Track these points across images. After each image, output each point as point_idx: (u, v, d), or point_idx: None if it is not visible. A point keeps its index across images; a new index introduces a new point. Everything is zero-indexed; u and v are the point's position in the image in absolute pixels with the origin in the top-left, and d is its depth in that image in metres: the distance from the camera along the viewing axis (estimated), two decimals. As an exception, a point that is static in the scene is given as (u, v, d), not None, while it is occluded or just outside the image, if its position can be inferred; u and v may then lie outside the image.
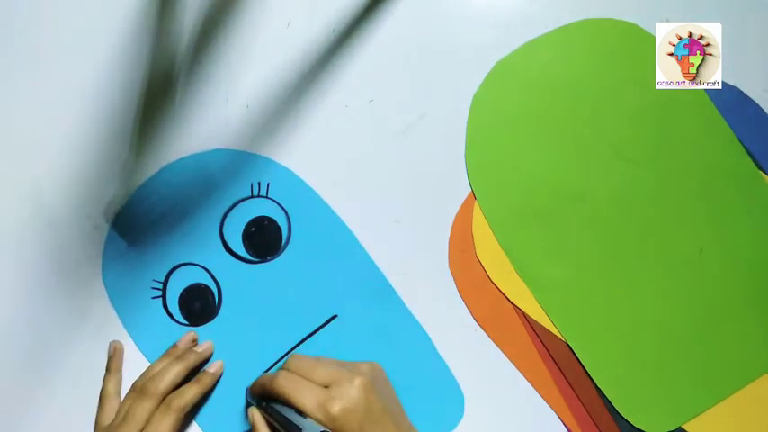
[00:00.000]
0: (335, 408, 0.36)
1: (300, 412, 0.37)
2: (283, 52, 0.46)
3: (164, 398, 0.41)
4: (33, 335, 0.44)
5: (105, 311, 0.45)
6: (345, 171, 0.46)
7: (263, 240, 0.45)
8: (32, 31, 0.46)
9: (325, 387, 0.38)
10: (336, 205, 0.46)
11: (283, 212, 0.45)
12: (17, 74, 0.45)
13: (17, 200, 0.45)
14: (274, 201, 0.45)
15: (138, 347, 0.45)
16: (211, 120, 0.45)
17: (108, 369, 0.44)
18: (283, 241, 0.45)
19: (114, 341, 0.44)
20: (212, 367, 0.44)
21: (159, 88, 0.45)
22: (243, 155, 0.45)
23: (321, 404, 0.37)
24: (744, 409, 0.46)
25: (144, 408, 0.40)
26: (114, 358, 0.44)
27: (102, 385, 0.44)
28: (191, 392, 0.42)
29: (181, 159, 0.45)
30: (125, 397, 0.42)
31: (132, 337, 0.45)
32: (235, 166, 0.45)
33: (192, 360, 0.43)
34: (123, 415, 0.41)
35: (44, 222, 0.45)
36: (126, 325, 0.45)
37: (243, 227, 0.45)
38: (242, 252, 0.45)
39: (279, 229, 0.45)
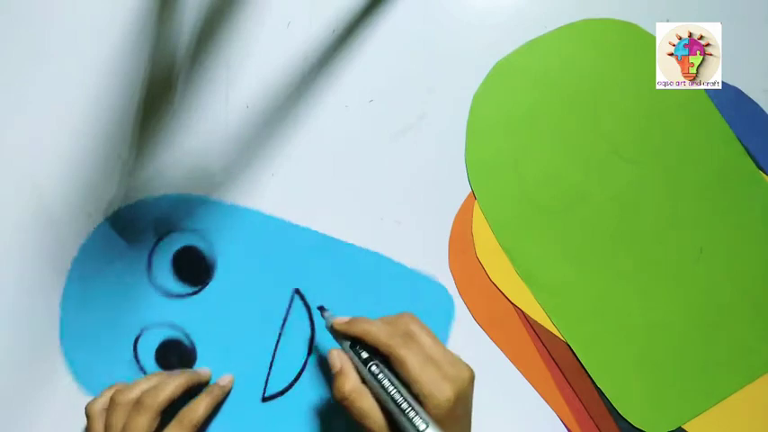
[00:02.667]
0: (450, 389, 0.34)
1: (404, 381, 0.34)
2: (283, 52, 0.46)
3: (161, 412, 0.39)
4: (33, 335, 0.44)
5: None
6: (345, 171, 0.46)
7: (193, 267, 0.45)
8: (32, 31, 0.46)
9: (437, 364, 0.35)
10: (337, 205, 0.46)
11: (199, 236, 0.45)
12: (17, 74, 0.45)
13: (17, 199, 0.45)
14: (185, 229, 0.45)
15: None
16: (211, 120, 0.46)
17: (111, 387, 0.42)
18: (208, 258, 0.45)
19: None
20: (223, 380, 0.43)
21: (159, 88, 0.45)
22: (141, 203, 0.45)
23: (437, 382, 0.34)
24: (744, 409, 0.46)
25: (142, 422, 0.38)
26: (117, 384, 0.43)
27: (95, 399, 0.41)
28: (202, 408, 0.40)
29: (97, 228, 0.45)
30: (108, 412, 0.40)
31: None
32: (133, 217, 0.45)
33: (191, 376, 0.42)
34: (119, 430, 0.39)
35: (44, 222, 0.45)
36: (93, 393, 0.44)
37: (170, 267, 0.44)
38: (183, 289, 0.44)
39: (201, 251, 0.45)
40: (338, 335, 0.39)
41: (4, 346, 0.44)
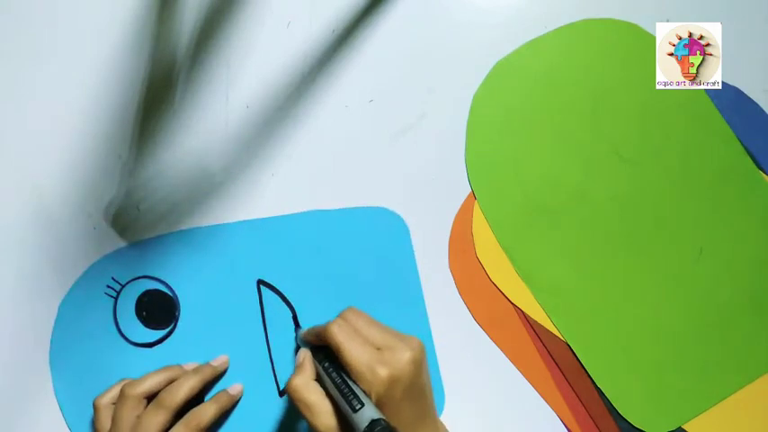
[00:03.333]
0: (384, 372, 0.35)
1: (345, 370, 0.36)
2: (283, 52, 0.46)
3: (177, 411, 0.40)
4: (33, 334, 0.44)
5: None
6: (345, 171, 0.46)
7: (159, 310, 0.44)
8: (32, 31, 0.45)
9: (377, 349, 0.37)
10: (336, 205, 0.46)
11: (149, 279, 0.45)
12: (17, 74, 0.45)
13: (17, 200, 0.45)
14: (133, 279, 0.44)
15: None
16: (211, 120, 0.45)
17: (120, 382, 0.43)
18: (171, 294, 0.44)
19: None
20: (233, 389, 0.43)
21: (159, 88, 0.45)
22: (77, 285, 0.45)
23: (371, 365, 0.35)
24: (744, 409, 0.46)
25: (158, 420, 0.39)
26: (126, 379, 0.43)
27: (103, 393, 0.42)
28: (210, 412, 0.41)
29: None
30: (118, 404, 0.41)
31: None
32: (82, 294, 0.44)
33: (207, 373, 0.42)
34: (129, 425, 0.39)
35: (44, 222, 0.45)
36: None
37: (138, 322, 0.44)
38: (158, 333, 0.44)
39: (158, 291, 0.44)
40: (304, 344, 0.41)
41: (3, 346, 0.45)
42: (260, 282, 0.45)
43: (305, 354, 0.39)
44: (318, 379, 0.38)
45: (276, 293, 0.45)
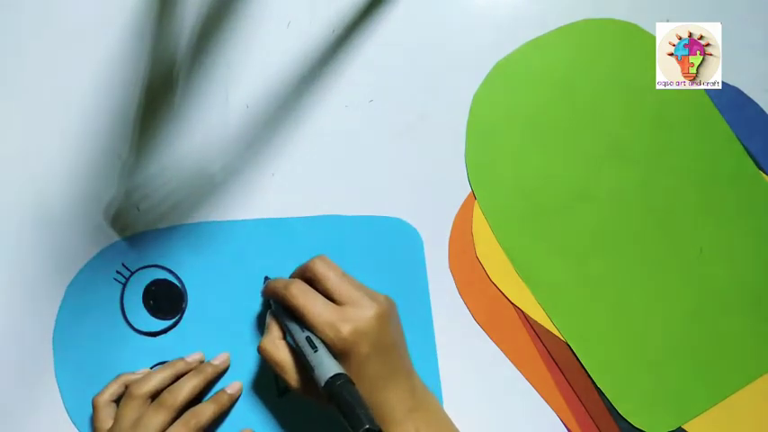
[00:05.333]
0: (346, 329, 0.35)
1: (309, 329, 0.37)
2: (283, 52, 0.46)
3: (179, 411, 0.40)
4: (33, 334, 0.44)
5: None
6: (345, 171, 0.46)
7: (166, 300, 0.44)
8: (33, 31, 0.45)
9: (340, 306, 0.37)
10: (337, 205, 0.46)
11: (158, 268, 0.45)
12: (17, 74, 0.45)
13: (17, 200, 0.45)
14: (143, 267, 0.45)
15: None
16: (211, 120, 0.46)
17: (117, 378, 0.43)
18: (179, 284, 0.44)
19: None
20: (231, 388, 0.43)
21: (159, 88, 0.45)
22: (86, 267, 0.45)
23: (332, 323, 0.36)
24: (744, 409, 0.46)
25: (159, 420, 0.39)
26: (130, 374, 0.43)
27: (101, 391, 0.42)
28: (209, 412, 0.41)
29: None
30: (123, 403, 0.41)
31: None
32: (91, 277, 0.44)
33: (209, 373, 0.42)
34: (130, 423, 0.39)
35: (44, 222, 0.45)
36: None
37: (144, 310, 0.44)
38: (162, 324, 0.44)
39: (166, 281, 0.44)
40: (267, 300, 0.41)
41: (2, 346, 0.45)
42: (267, 279, 0.45)
43: (270, 315, 0.40)
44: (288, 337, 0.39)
45: None
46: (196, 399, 0.42)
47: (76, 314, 0.44)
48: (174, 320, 0.44)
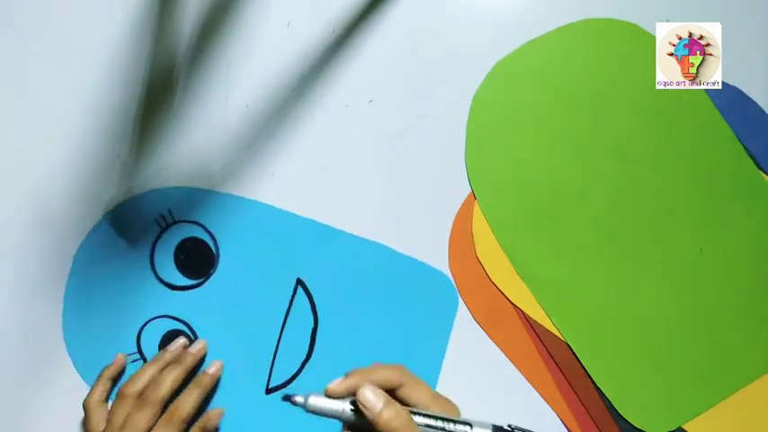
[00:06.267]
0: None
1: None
2: (283, 52, 0.46)
3: (164, 404, 0.41)
4: (33, 334, 0.44)
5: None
6: (345, 171, 0.46)
7: (196, 259, 0.45)
8: (33, 31, 0.45)
9: None
10: (337, 205, 0.46)
11: (200, 227, 0.45)
12: (17, 74, 0.45)
13: (17, 199, 0.45)
14: (186, 221, 0.45)
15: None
16: (211, 120, 0.46)
17: (100, 377, 0.43)
18: (210, 250, 0.45)
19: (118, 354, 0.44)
20: (211, 368, 0.43)
21: (159, 88, 0.45)
22: (143, 197, 0.45)
23: (449, 410, 0.33)
24: (744, 409, 0.46)
25: (145, 416, 0.40)
26: (110, 367, 0.43)
27: (90, 393, 0.42)
28: (191, 399, 0.41)
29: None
30: (115, 404, 0.41)
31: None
32: (134, 211, 0.45)
33: (188, 362, 0.43)
34: (121, 423, 0.40)
35: (44, 222, 0.45)
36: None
37: (172, 259, 0.45)
38: (186, 281, 0.45)
39: (203, 243, 0.45)
40: (338, 397, 0.33)
41: (6, 346, 0.45)
42: (299, 281, 0.45)
43: (376, 392, 0.31)
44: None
45: (308, 299, 0.45)
46: (181, 386, 0.42)
47: (102, 250, 0.44)
48: (197, 282, 0.45)
